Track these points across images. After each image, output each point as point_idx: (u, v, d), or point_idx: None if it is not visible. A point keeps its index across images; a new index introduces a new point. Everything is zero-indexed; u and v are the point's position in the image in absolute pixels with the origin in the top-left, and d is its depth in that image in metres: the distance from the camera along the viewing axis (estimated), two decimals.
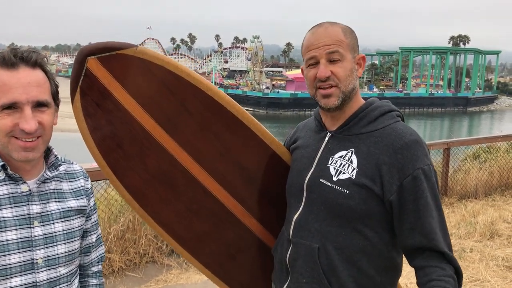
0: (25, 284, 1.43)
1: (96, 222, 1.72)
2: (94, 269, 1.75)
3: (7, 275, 1.39)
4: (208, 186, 1.88)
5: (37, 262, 1.45)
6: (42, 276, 1.47)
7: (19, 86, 1.35)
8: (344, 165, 1.68)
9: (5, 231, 1.39)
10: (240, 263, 2.05)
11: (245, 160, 1.91)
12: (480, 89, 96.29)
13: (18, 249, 1.41)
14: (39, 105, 1.39)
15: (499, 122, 68.72)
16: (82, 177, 1.66)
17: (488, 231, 5.66)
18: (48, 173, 1.52)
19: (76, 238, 1.58)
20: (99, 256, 1.76)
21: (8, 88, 1.34)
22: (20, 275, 1.42)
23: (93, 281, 1.74)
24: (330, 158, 1.72)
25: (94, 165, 3.95)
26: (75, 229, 1.57)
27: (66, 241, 1.53)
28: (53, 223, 1.50)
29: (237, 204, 1.94)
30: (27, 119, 1.35)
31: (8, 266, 1.39)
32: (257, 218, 1.99)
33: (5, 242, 1.38)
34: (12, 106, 1.35)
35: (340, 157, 1.70)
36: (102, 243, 1.79)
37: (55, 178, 1.55)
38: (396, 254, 1.74)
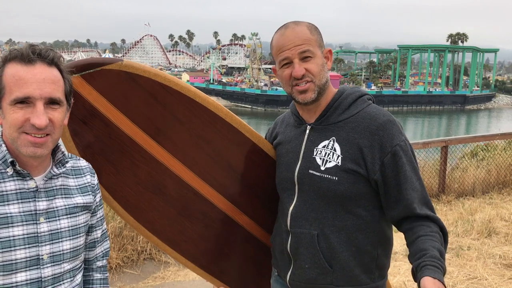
0: (30, 280, 1.44)
1: (102, 217, 1.73)
2: (99, 263, 1.75)
3: (12, 270, 1.41)
4: (200, 190, 1.92)
5: (42, 258, 1.46)
6: (47, 272, 1.48)
7: (34, 82, 1.37)
8: (328, 154, 1.79)
9: (12, 226, 1.40)
10: (234, 259, 2.10)
11: (234, 161, 1.96)
12: (478, 87, 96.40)
13: (24, 245, 1.42)
14: (51, 102, 1.41)
15: (497, 120, 68.95)
16: (89, 173, 1.66)
17: (485, 229, 5.67)
18: (55, 169, 1.53)
19: (81, 234, 1.59)
20: (104, 251, 1.77)
21: (23, 82, 1.36)
22: (26, 271, 1.43)
23: (98, 275, 1.74)
24: (315, 149, 1.83)
25: None
26: (80, 225, 1.58)
27: (71, 237, 1.55)
28: (59, 219, 1.51)
29: (229, 203, 1.99)
30: (38, 114, 1.36)
31: (14, 262, 1.41)
32: (248, 214, 2.05)
33: (11, 238, 1.40)
34: (25, 101, 1.37)
35: (324, 146, 1.81)
36: (107, 238, 1.80)
37: (62, 175, 1.56)
38: (387, 227, 1.88)
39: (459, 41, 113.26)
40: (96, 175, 1.70)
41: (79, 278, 1.62)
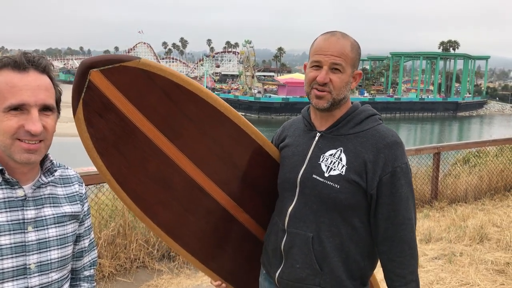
0: None
1: (90, 227, 1.73)
2: (86, 273, 1.75)
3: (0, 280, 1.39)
4: (205, 186, 1.99)
5: (29, 267, 1.45)
6: (34, 281, 1.47)
7: (28, 89, 1.38)
8: (334, 162, 1.86)
9: None
10: (231, 254, 2.18)
11: (240, 160, 2.03)
12: (469, 94, 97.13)
13: (12, 254, 1.41)
14: (45, 109, 1.42)
15: (489, 126, 69.40)
16: (77, 182, 1.67)
17: (477, 235, 5.70)
18: (44, 178, 1.53)
19: (69, 244, 1.58)
20: (92, 261, 1.77)
21: (18, 89, 1.36)
22: (13, 280, 1.42)
23: (85, 284, 1.74)
24: (321, 156, 1.89)
25: (85, 169, 3.94)
26: (68, 235, 1.57)
27: (59, 247, 1.54)
28: (47, 228, 1.50)
29: (231, 201, 2.07)
30: (34, 121, 1.37)
31: (1, 271, 1.39)
32: (249, 212, 2.12)
33: None
34: (19, 108, 1.37)
35: (331, 155, 1.88)
36: (95, 248, 1.79)
37: (50, 183, 1.56)
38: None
39: (451, 49, 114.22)
40: (84, 184, 1.70)
41: (67, 287, 1.61)
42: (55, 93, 1.48)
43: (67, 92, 1.69)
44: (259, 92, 76.62)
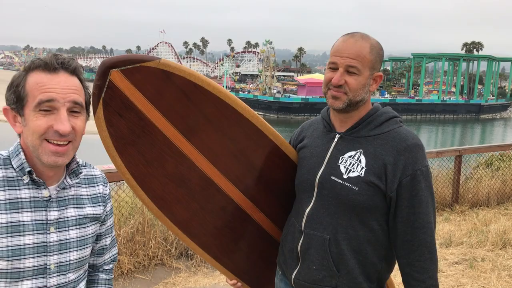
0: None
1: (112, 225, 1.75)
2: (106, 267, 1.78)
3: (19, 278, 1.41)
4: (222, 186, 2.01)
5: (49, 268, 1.47)
6: (52, 281, 1.49)
7: (58, 87, 1.40)
8: (353, 164, 1.85)
9: (23, 235, 1.41)
10: (247, 253, 2.19)
11: (256, 161, 2.05)
12: (493, 96, 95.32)
13: (33, 254, 1.43)
14: (74, 108, 1.44)
15: None
16: (102, 183, 1.69)
17: (500, 240, 5.58)
18: (69, 180, 1.54)
19: (88, 245, 1.60)
20: (112, 257, 1.80)
21: (48, 88, 1.39)
22: (32, 279, 1.44)
23: (103, 275, 1.76)
24: (340, 158, 1.89)
25: (105, 167, 3.99)
26: (88, 236, 1.59)
27: (78, 248, 1.55)
28: (68, 229, 1.52)
29: (248, 201, 2.08)
30: (62, 120, 1.39)
31: (22, 270, 1.41)
32: (265, 212, 2.13)
33: (22, 246, 1.41)
34: (48, 108, 1.39)
35: (350, 156, 1.87)
36: (116, 244, 1.82)
37: (75, 185, 1.58)
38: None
39: (474, 50, 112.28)
40: (108, 184, 1.72)
41: (82, 286, 1.63)
42: (84, 94, 1.51)
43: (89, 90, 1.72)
44: (278, 92, 76.55)
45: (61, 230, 1.50)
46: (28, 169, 1.43)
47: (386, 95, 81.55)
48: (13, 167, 1.44)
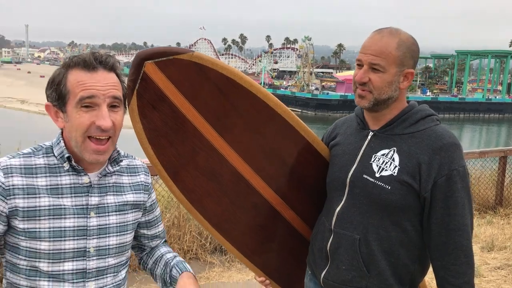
0: (76, 270, 1.52)
1: (160, 214, 1.84)
2: (161, 244, 1.88)
3: (60, 259, 1.49)
4: (252, 182, 1.99)
5: (89, 251, 1.54)
6: (92, 264, 1.55)
7: (98, 85, 1.46)
8: (386, 162, 1.80)
9: (64, 218, 1.49)
10: (276, 251, 2.17)
11: (288, 157, 2.02)
12: None
13: (74, 236, 1.51)
14: (113, 103, 1.49)
15: None
16: (143, 172, 1.75)
17: None
18: (110, 167, 1.61)
19: (128, 232, 1.66)
20: (164, 239, 1.90)
21: (89, 85, 1.45)
22: (72, 261, 1.52)
23: (164, 248, 1.85)
24: (373, 156, 1.84)
25: (143, 161, 4.05)
26: (128, 223, 1.65)
27: (118, 234, 1.61)
28: (108, 215, 1.58)
29: (278, 198, 2.06)
30: (104, 116, 1.45)
31: (63, 251, 1.49)
32: (295, 210, 2.10)
33: (62, 229, 1.49)
34: (90, 105, 1.45)
35: (383, 155, 1.82)
36: (165, 231, 1.92)
37: (116, 172, 1.64)
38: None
39: None
40: (150, 174, 1.77)
41: (123, 274, 1.67)
42: (122, 89, 1.56)
43: None
44: (316, 88, 76.02)
45: (101, 216, 1.56)
46: (67, 155, 1.51)
47: (428, 93, 79.52)
48: (54, 155, 1.52)
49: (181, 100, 1.79)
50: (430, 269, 1.90)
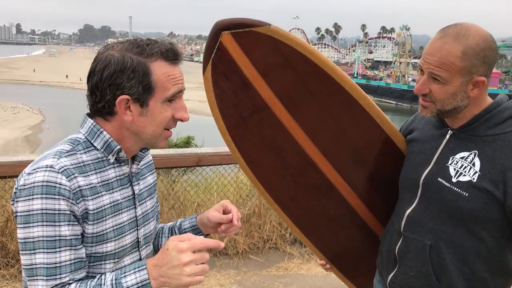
0: (133, 263, 1.48)
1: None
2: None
3: (123, 256, 1.45)
4: (318, 163, 1.93)
5: (140, 241, 1.51)
6: (143, 253, 1.53)
7: (181, 78, 1.43)
8: (465, 167, 1.61)
9: (121, 213, 1.43)
10: (339, 237, 2.12)
11: (359, 143, 1.92)
12: None
13: (129, 229, 1.46)
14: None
15: None
16: (149, 151, 1.68)
17: None
18: (141, 153, 1.53)
19: (158, 213, 1.64)
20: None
21: (178, 79, 1.41)
22: (130, 254, 1.48)
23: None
24: (451, 158, 1.66)
25: (226, 149, 4.11)
26: (157, 205, 1.64)
27: (154, 218, 1.60)
28: (145, 201, 1.54)
29: (345, 184, 1.97)
30: (185, 109, 1.45)
31: (125, 247, 1.44)
32: (363, 199, 2.01)
33: (122, 225, 1.43)
34: (174, 98, 1.41)
35: (462, 158, 1.63)
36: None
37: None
38: None
39: None
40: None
41: None
42: None
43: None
44: (413, 80, 72.61)
45: (141, 203, 1.52)
46: (118, 147, 1.41)
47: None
48: (96, 148, 1.40)
49: (253, 73, 1.77)
50: None
